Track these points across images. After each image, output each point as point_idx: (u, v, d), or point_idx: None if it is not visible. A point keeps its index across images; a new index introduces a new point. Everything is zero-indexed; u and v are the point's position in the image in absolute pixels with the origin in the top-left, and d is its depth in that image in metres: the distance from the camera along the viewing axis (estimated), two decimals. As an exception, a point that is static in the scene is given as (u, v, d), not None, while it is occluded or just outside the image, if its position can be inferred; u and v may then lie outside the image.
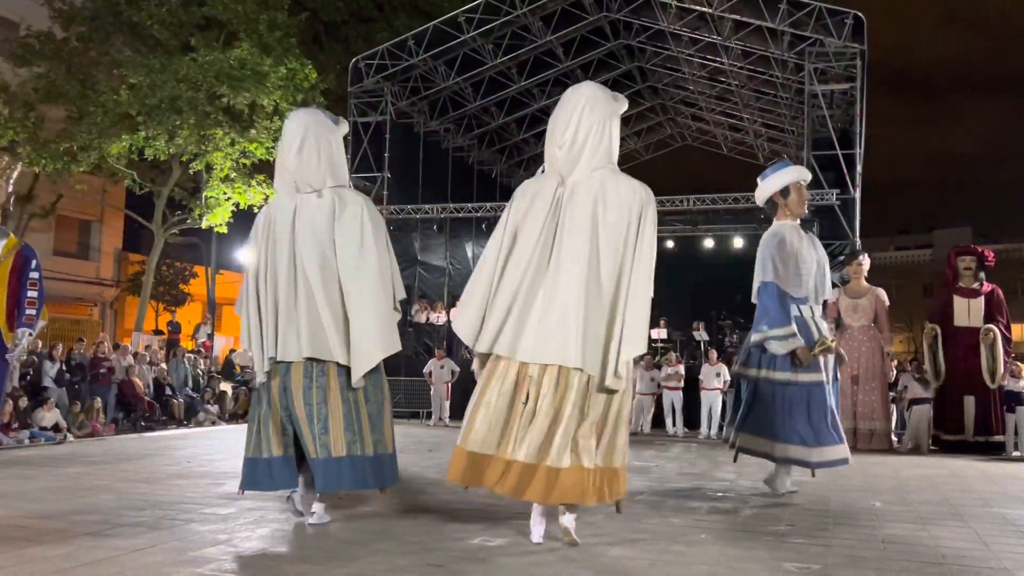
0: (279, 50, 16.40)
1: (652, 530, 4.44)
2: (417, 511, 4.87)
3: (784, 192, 5.98)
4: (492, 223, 19.54)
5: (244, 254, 21.79)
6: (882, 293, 11.14)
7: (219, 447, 7.79)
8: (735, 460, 6.43)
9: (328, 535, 4.14)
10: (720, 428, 13.10)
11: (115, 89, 15.97)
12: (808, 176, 6.24)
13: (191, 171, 17.24)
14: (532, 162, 22.74)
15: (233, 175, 16.74)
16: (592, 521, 4.62)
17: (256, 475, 4.40)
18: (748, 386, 6.00)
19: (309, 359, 4.33)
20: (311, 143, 4.47)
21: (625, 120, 22.66)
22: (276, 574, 3.33)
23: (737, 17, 15.39)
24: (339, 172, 4.57)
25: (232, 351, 17.97)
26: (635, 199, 3.99)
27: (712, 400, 12.94)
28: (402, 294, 4.58)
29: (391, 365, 4.97)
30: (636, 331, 3.90)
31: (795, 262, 5.80)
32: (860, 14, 14.19)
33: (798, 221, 6.08)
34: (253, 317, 4.49)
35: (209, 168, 16.75)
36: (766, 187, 6.07)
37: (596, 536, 4.22)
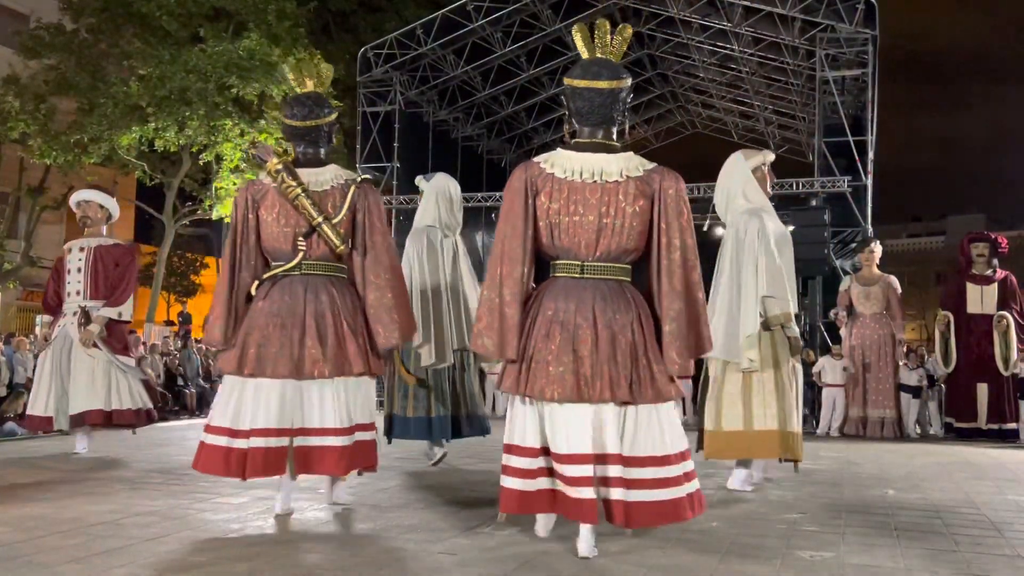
0: (288, 40, 16.40)
1: (664, 518, 4.43)
2: (426, 498, 4.88)
3: None
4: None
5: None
6: (894, 281, 11.08)
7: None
8: None
9: (340, 522, 4.16)
10: None
11: (125, 81, 16.01)
12: None
13: (201, 162, 17.28)
14: (541, 150, 22.64)
15: (243, 166, 16.76)
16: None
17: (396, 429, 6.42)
18: None
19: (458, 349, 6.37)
20: (457, 204, 6.75)
21: (635, 108, 22.67)
22: (288, 563, 3.34)
23: (747, 3, 15.29)
24: None
25: None
26: None
27: None
28: None
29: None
30: None
31: None
32: (872, -1, 14.07)
33: None
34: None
35: (219, 159, 16.79)
36: None
37: (603, 524, 4.23)
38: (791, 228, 16.07)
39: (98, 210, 7.19)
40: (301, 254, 4.20)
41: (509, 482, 3.55)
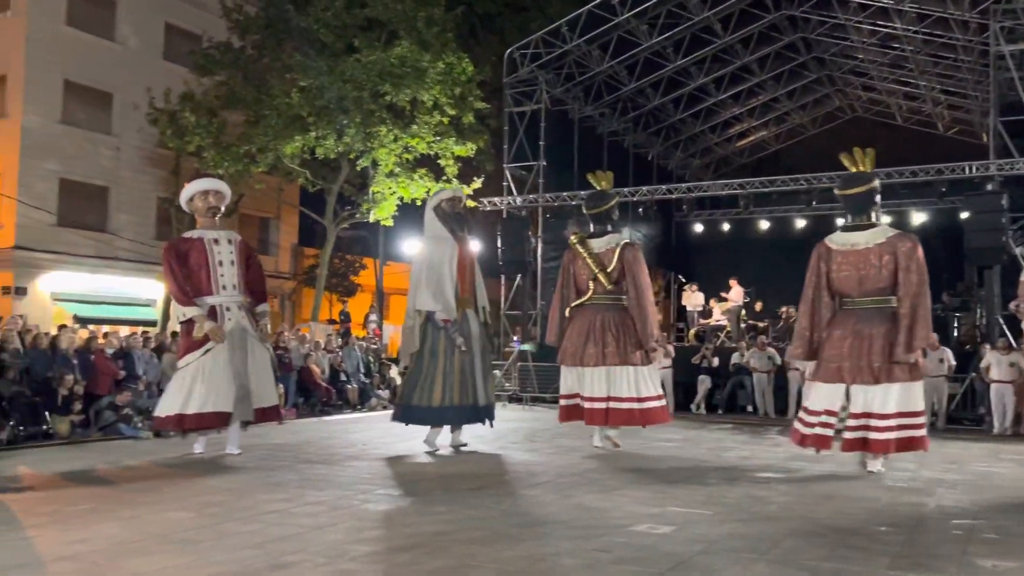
0: (437, 45, 16.81)
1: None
2: (582, 497, 4.88)
3: None
4: (648, 207, 19.29)
5: (410, 246, 22.59)
6: (1086, 268, 10.16)
7: (391, 431, 8.10)
8: None
9: (495, 517, 4.22)
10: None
11: (287, 92, 16.88)
12: None
13: (358, 168, 17.98)
14: (690, 142, 22.20)
15: (397, 170, 17.33)
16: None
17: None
18: None
19: None
20: None
21: (789, 94, 21.76)
22: (448, 554, 3.43)
23: (911, -23, 14.40)
24: None
25: None
26: None
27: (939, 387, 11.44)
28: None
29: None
30: None
31: None
32: (1053, -37, 12.93)
33: None
34: None
35: (375, 164, 17.43)
36: None
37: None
38: (965, 215, 15.03)
39: (224, 201, 7.08)
40: (591, 291, 7.30)
41: (801, 427, 6.20)
